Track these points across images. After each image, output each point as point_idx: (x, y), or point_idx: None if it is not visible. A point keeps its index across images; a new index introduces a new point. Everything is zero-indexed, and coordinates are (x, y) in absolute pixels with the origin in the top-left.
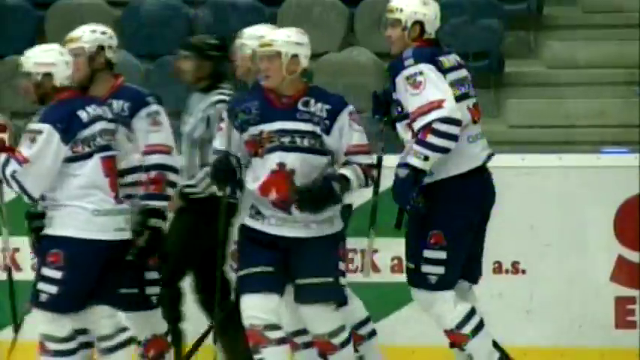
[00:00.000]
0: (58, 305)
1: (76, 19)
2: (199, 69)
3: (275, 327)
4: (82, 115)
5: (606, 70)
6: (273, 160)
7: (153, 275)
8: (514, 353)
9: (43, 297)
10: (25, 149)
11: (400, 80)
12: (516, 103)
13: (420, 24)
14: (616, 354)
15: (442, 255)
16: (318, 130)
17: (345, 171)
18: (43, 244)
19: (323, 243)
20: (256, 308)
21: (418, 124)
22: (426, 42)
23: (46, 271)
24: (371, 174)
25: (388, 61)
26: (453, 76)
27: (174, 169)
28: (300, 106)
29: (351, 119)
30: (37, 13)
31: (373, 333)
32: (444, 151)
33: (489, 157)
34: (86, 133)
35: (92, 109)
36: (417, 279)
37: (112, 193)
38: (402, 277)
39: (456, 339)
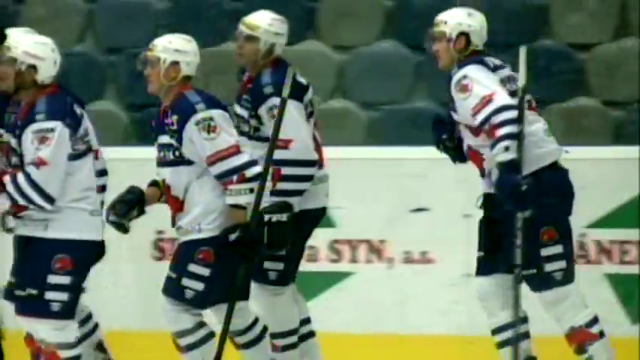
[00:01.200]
0: (69, 312)
1: (349, 9)
2: None
3: None
4: (77, 110)
5: None
6: (160, 175)
7: None
8: None
9: (55, 306)
10: (36, 151)
11: (452, 91)
12: None
13: (465, 35)
14: None
15: (559, 249)
16: (174, 142)
17: (229, 200)
18: (40, 250)
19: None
20: None
21: (478, 119)
22: (474, 53)
23: (54, 279)
24: (246, 177)
25: None
26: (503, 73)
27: None
28: (166, 118)
29: (200, 128)
30: (309, 4)
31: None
32: (514, 137)
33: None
34: (82, 130)
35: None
36: (542, 282)
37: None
38: None
39: (584, 337)
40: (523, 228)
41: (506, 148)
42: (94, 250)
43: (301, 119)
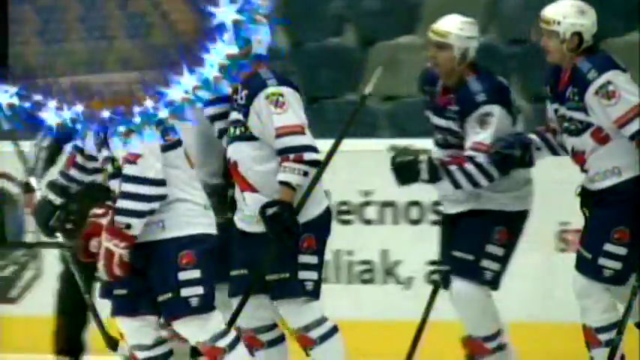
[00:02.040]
0: (207, 306)
1: None
2: None
3: None
4: None
5: None
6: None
7: None
8: None
9: (194, 301)
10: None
11: (589, 96)
12: None
13: (578, 34)
14: None
15: (623, 251)
16: (241, 117)
17: (280, 176)
18: (162, 251)
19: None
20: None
21: (631, 129)
22: (587, 51)
23: (185, 275)
24: (303, 159)
25: None
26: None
27: None
28: (236, 95)
29: (270, 102)
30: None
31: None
32: None
33: None
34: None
35: None
36: (590, 269)
37: None
38: None
39: (591, 339)
40: (601, 214)
41: None
42: (212, 243)
43: (503, 129)
